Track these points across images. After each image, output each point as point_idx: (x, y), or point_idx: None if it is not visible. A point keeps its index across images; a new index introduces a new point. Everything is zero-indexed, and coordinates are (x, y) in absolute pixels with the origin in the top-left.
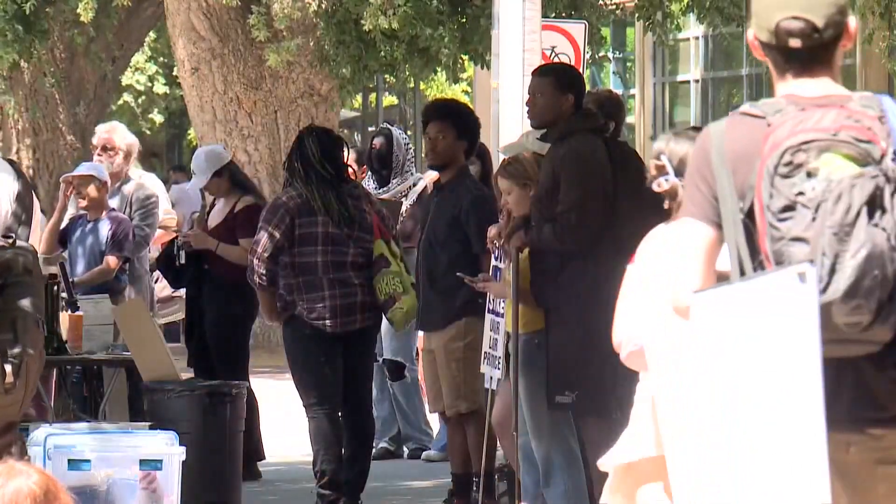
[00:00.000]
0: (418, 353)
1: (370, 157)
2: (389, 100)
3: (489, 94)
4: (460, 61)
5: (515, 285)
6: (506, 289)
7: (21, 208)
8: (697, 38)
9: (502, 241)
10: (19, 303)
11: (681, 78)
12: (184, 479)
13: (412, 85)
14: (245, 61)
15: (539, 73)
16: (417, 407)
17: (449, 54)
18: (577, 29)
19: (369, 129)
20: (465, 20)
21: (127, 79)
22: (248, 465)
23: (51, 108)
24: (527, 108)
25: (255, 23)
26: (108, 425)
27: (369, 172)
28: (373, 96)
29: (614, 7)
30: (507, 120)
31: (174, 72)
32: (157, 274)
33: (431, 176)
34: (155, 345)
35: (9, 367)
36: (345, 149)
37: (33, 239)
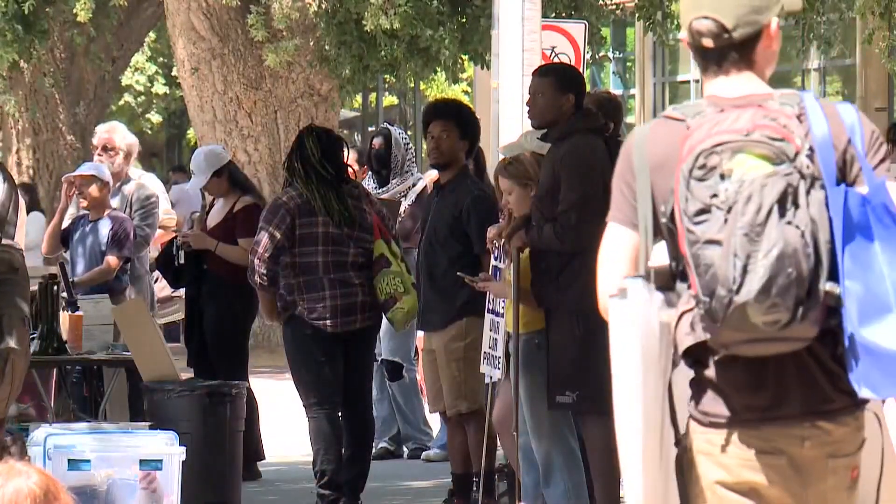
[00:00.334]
0: (417, 353)
1: (370, 158)
2: (389, 100)
3: (489, 94)
4: (460, 61)
5: (516, 285)
6: (506, 289)
7: (7, 208)
8: None
9: (503, 241)
10: (4, 300)
11: (681, 78)
12: (184, 479)
13: (412, 85)
14: (245, 61)
15: (540, 73)
16: (416, 407)
17: (449, 54)
18: (577, 29)
19: (369, 129)
20: (465, 20)
21: (127, 79)
22: (248, 465)
23: (51, 108)
24: (527, 108)
25: (253, 23)
26: (108, 425)
27: (369, 172)
28: (373, 96)
29: (614, 7)
30: (507, 120)
31: (174, 72)
32: (157, 274)
33: (431, 176)
34: (155, 345)
35: None
36: (344, 149)
37: (18, 237)
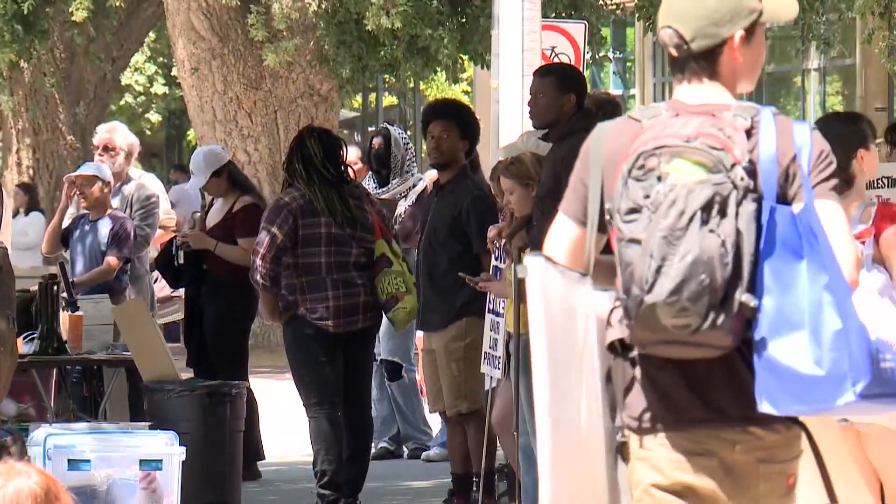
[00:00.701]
0: (417, 352)
1: (369, 158)
2: (389, 100)
3: (489, 94)
4: (460, 61)
5: (516, 285)
6: (507, 288)
7: None
8: None
9: (504, 241)
10: None
11: None
12: (184, 479)
13: (412, 85)
14: (245, 61)
15: (541, 73)
16: (416, 407)
17: (449, 54)
18: (577, 29)
19: (369, 129)
20: (465, 20)
21: (126, 79)
22: (248, 465)
23: (51, 108)
24: (528, 108)
25: (253, 22)
26: (108, 425)
27: (369, 172)
28: (373, 96)
29: (614, 7)
30: (507, 120)
31: (173, 72)
32: (157, 274)
33: (431, 176)
34: (155, 345)
35: None
36: (344, 149)
37: (4, 236)
